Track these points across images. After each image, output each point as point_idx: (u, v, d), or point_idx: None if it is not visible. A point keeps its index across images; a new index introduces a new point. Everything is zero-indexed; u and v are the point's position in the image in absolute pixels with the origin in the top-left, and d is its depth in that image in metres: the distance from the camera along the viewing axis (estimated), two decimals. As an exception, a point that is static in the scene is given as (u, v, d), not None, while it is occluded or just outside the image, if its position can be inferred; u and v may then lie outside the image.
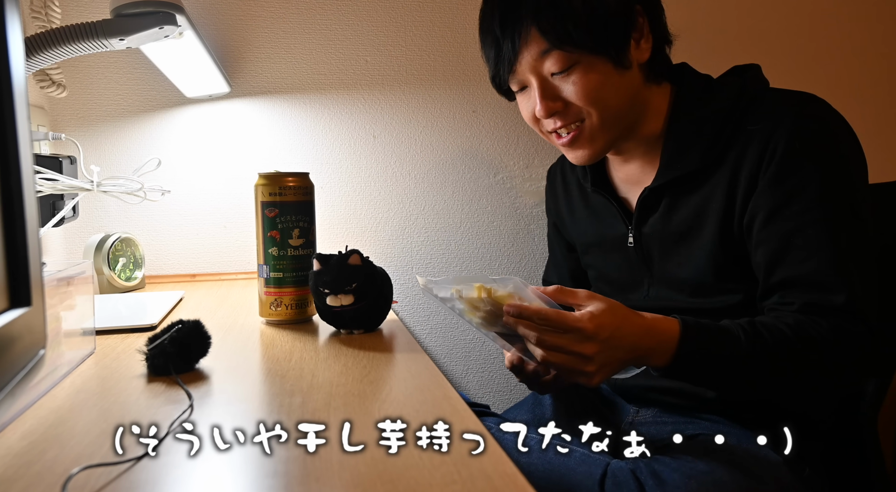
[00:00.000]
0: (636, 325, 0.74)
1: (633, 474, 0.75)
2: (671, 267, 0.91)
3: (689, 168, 0.87)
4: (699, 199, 0.87)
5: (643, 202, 0.92)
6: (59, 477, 0.45)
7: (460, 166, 1.44)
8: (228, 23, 1.34)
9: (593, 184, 1.00)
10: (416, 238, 1.44)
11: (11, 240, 0.35)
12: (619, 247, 0.98)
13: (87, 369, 0.71)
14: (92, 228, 1.32)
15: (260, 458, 0.48)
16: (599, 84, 0.84)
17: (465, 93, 1.42)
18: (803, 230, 0.79)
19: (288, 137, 1.38)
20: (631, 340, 0.73)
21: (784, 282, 0.80)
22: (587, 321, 0.70)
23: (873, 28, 1.54)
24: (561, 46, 0.82)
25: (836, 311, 0.77)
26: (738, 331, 0.76)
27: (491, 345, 1.48)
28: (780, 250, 0.80)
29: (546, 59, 0.84)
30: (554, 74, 0.85)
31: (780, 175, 0.80)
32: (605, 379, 0.75)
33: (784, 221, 0.80)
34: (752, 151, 0.82)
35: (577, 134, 0.89)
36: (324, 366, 0.72)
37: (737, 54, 1.03)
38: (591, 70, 0.83)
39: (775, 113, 0.82)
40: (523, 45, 0.84)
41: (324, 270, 0.85)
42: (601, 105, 0.85)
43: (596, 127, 0.87)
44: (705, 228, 0.86)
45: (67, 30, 0.77)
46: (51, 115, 1.31)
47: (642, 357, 0.75)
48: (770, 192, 0.81)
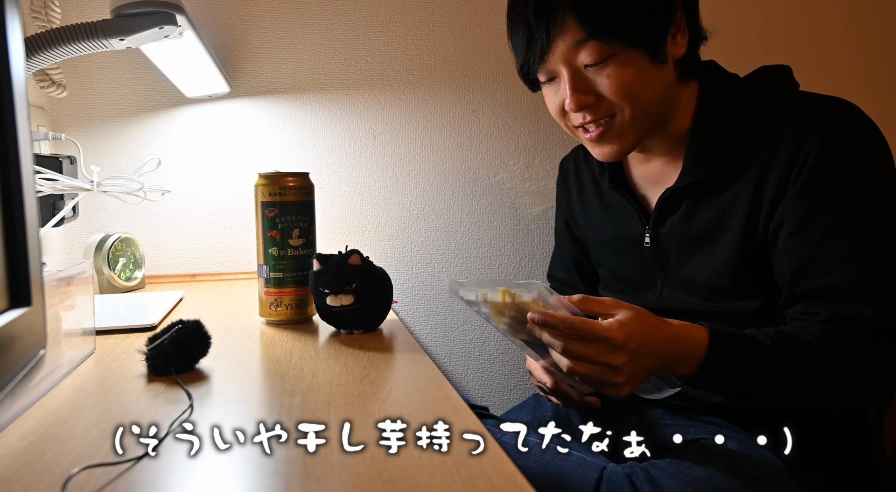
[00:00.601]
0: (664, 334, 0.72)
1: (629, 479, 0.74)
2: (688, 270, 0.89)
3: (714, 170, 0.84)
4: (723, 202, 0.84)
5: (664, 203, 0.90)
6: (59, 477, 0.45)
7: (460, 166, 1.44)
8: (228, 23, 1.34)
9: (611, 181, 0.98)
10: (416, 238, 1.44)
11: (11, 240, 0.35)
12: (635, 246, 0.96)
13: (87, 369, 0.71)
14: (92, 228, 1.32)
15: (260, 458, 0.48)
16: (635, 78, 0.81)
17: (465, 93, 1.42)
18: (833, 240, 0.76)
19: (288, 137, 1.38)
20: (659, 349, 0.71)
21: (810, 292, 0.78)
22: (616, 331, 0.68)
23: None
24: (598, 37, 0.79)
25: (865, 324, 0.74)
26: (766, 340, 0.74)
27: (491, 345, 1.48)
28: (807, 260, 0.78)
29: (581, 50, 0.81)
30: (587, 66, 0.82)
31: (812, 183, 0.77)
32: (634, 389, 0.72)
33: (813, 230, 0.77)
34: (781, 156, 0.79)
35: (606, 129, 0.85)
36: (324, 366, 0.72)
37: (767, 54, 1.02)
38: (627, 64, 0.80)
39: (807, 118, 0.80)
40: (558, 33, 0.81)
41: (324, 270, 0.85)
42: (635, 100, 0.83)
43: (627, 123, 0.84)
44: (727, 231, 0.84)
45: (67, 30, 0.77)
46: (51, 115, 1.31)
47: (669, 365, 0.72)
48: (800, 199, 0.78)
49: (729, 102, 0.85)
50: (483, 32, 1.42)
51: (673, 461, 0.77)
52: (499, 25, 1.41)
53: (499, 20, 1.41)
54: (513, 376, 1.50)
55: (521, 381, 1.50)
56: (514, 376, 1.50)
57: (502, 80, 1.43)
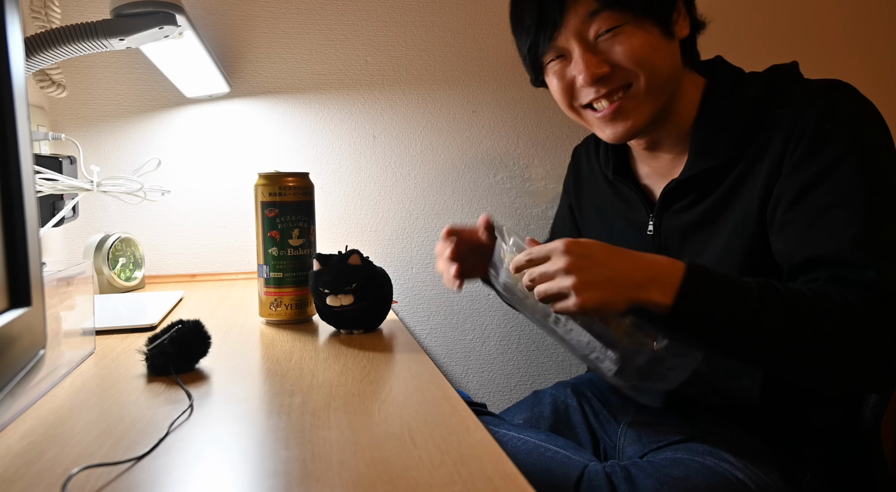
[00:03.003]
0: (624, 252, 0.72)
1: (608, 478, 0.75)
2: (688, 257, 0.88)
3: (718, 160, 0.85)
4: (724, 189, 0.85)
5: (668, 193, 0.90)
6: (59, 477, 0.45)
7: (460, 166, 1.44)
8: (228, 23, 1.34)
9: (615, 172, 0.98)
10: (416, 238, 1.44)
11: (11, 240, 0.35)
12: (638, 234, 0.96)
13: (87, 369, 0.71)
14: (92, 228, 1.32)
15: (260, 458, 0.48)
16: (649, 45, 0.82)
17: (465, 93, 1.42)
18: (831, 209, 0.74)
19: (288, 137, 1.38)
20: (618, 263, 0.70)
21: (808, 261, 0.75)
22: (559, 242, 0.71)
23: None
24: (611, 6, 0.80)
25: (867, 286, 0.69)
26: (751, 281, 0.71)
27: (491, 345, 1.48)
28: (804, 232, 0.75)
29: (593, 21, 0.82)
30: (600, 36, 0.83)
31: (807, 156, 0.77)
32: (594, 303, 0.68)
33: (809, 203, 0.76)
34: (778, 137, 0.80)
35: (622, 104, 0.85)
36: (324, 366, 0.72)
37: (775, 53, 1.02)
38: (637, 34, 0.82)
39: (804, 97, 0.80)
40: (570, 6, 0.82)
41: (324, 270, 0.85)
42: (649, 67, 0.83)
43: (642, 93, 0.84)
44: (728, 218, 0.84)
45: (67, 30, 0.77)
46: (51, 115, 1.31)
47: (639, 285, 0.69)
48: (796, 174, 0.77)
49: (732, 94, 0.86)
50: (483, 32, 1.42)
51: (653, 461, 0.78)
52: (499, 25, 1.42)
53: (499, 20, 1.42)
54: (512, 377, 1.50)
55: (521, 381, 1.50)
56: (513, 377, 1.50)
57: (502, 80, 1.43)
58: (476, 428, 0.53)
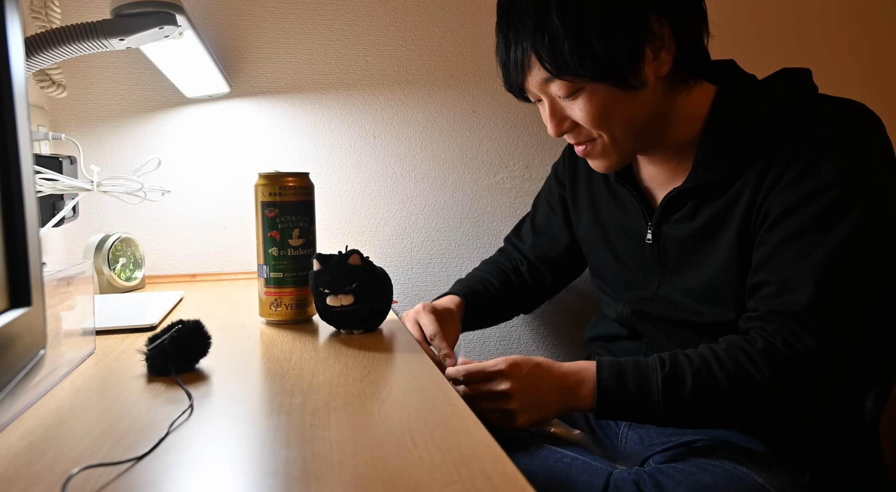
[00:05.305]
0: (554, 367, 0.80)
1: (637, 485, 0.74)
2: (686, 270, 0.89)
3: (723, 173, 0.84)
4: (724, 202, 0.84)
5: (669, 202, 0.89)
6: (59, 477, 0.45)
7: (460, 166, 1.44)
8: (228, 23, 1.34)
9: (616, 175, 0.98)
10: (416, 238, 1.44)
11: (11, 240, 0.35)
12: (636, 241, 0.95)
13: (87, 369, 0.71)
14: (92, 228, 1.32)
15: (260, 458, 0.48)
16: (605, 109, 0.82)
17: (465, 93, 1.42)
18: (800, 237, 0.76)
19: (288, 137, 1.38)
20: (551, 380, 0.79)
21: (758, 284, 0.79)
22: (502, 363, 0.80)
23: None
24: (560, 77, 0.81)
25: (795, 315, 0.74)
26: (655, 363, 0.77)
27: (491, 345, 1.48)
28: (771, 253, 0.78)
29: (551, 84, 0.83)
30: (561, 98, 0.84)
31: (797, 178, 0.77)
32: (533, 422, 0.80)
33: (787, 226, 0.77)
34: (781, 155, 0.79)
35: (591, 150, 0.88)
36: (324, 366, 0.72)
37: (784, 56, 1.02)
38: (595, 95, 0.81)
39: (814, 118, 0.79)
40: (527, 71, 0.83)
41: (324, 270, 0.85)
42: (609, 127, 0.84)
43: (608, 145, 0.86)
44: (727, 232, 0.83)
45: (67, 30, 0.77)
46: (51, 115, 1.31)
47: (569, 397, 0.79)
48: (784, 194, 0.77)
49: (742, 106, 0.84)
50: (483, 32, 1.42)
51: (678, 467, 0.77)
52: (499, 25, 1.42)
53: (499, 20, 1.42)
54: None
55: (521, 381, 1.50)
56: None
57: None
58: (476, 428, 0.53)
